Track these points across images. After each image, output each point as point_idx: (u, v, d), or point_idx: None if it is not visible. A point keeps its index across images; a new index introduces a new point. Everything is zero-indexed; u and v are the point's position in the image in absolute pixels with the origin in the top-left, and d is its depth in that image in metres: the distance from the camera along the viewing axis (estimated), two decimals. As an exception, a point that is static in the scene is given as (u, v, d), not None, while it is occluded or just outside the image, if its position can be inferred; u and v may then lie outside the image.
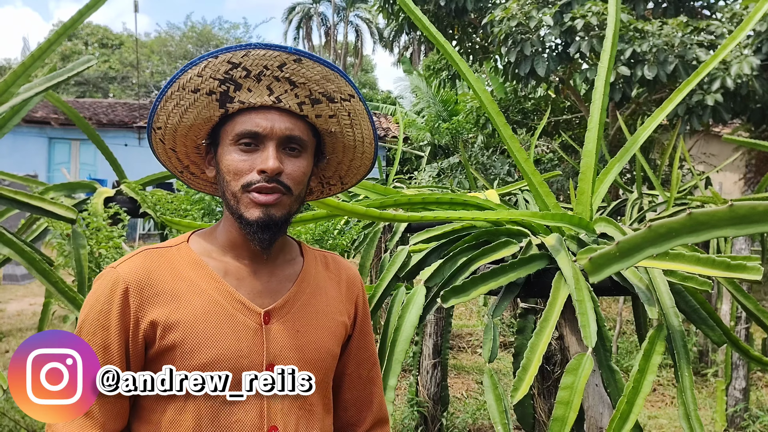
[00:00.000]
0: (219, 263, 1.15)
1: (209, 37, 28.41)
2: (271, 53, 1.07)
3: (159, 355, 1.08)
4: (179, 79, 1.09)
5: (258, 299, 1.14)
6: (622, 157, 2.29)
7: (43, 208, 2.52)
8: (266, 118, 1.09)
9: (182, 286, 1.10)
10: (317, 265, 1.26)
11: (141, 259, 1.12)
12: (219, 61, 1.07)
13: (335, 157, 1.24)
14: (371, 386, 1.32)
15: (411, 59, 23.62)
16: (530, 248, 2.06)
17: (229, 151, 1.10)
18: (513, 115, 9.48)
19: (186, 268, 1.13)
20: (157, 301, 1.08)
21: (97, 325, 1.07)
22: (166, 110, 1.13)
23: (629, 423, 1.62)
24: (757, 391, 5.29)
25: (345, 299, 1.27)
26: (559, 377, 2.20)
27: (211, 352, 1.07)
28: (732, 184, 11.85)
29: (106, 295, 1.08)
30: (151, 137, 1.18)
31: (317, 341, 1.17)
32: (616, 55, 5.75)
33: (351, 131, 1.19)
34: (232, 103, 1.10)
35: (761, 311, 2.09)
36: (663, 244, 1.33)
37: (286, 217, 1.10)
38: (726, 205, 1.18)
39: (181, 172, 1.26)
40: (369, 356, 1.32)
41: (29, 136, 16.60)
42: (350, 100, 1.15)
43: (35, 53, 2.46)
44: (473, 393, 5.25)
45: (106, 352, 1.06)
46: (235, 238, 1.15)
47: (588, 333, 1.69)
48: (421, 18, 2.14)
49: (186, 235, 1.20)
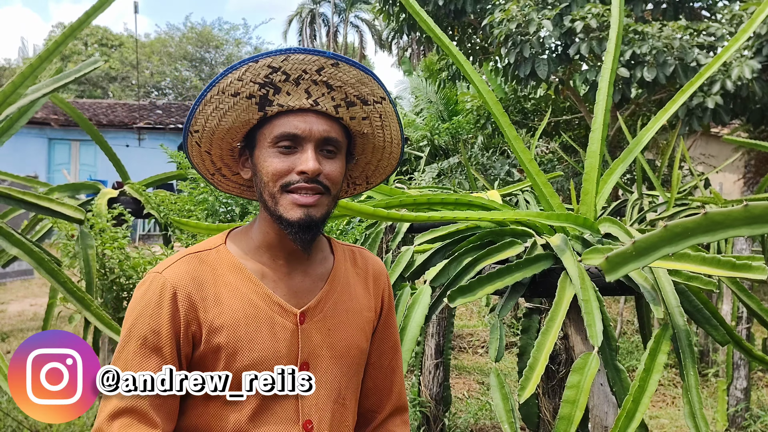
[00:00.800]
0: (256, 265, 1.18)
1: (209, 38, 28.38)
2: (310, 57, 1.10)
3: (204, 356, 1.12)
4: (219, 83, 1.12)
5: (293, 300, 1.18)
6: (625, 158, 2.31)
7: (51, 209, 2.52)
8: (304, 120, 1.12)
9: (224, 290, 1.14)
10: (346, 262, 1.29)
11: (185, 264, 1.15)
12: (259, 66, 1.09)
13: (364, 158, 1.28)
14: (392, 375, 1.36)
15: (410, 60, 23.62)
16: (535, 248, 2.07)
17: (268, 153, 1.12)
18: (513, 115, 9.50)
19: (226, 271, 1.16)
20: (202, 306, 1.12)
21: (149, 329, 1.09)
22: (204, 113, 1.15)
23: (635, 422, 1.63)
24: (758, 390, 5.30)
25: (372, 294, 1.31)
26: (563, 377, 2.22)
27: (253, 354, 1.12)
28: (732, 185, 11.86)
29: (155, 300, 1.11)
30: (187, 140, 1.21)
31: (347, 338, 1.22)
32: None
33: (381, 132, 1.23)
34: (271, 106, 1.12)
35: (764, 310, 2.10)
36: (679, 243, 1.34)
37: (324, 217, 1.14)
38: (741, 205, 1.20)
39: (212, 175, 1.28)
40: (391, 346, 1.36)
41: (29, 137, 16.59)
42: (382, 103, 1.19)
43: (42, 54, 2.47)
44: (475, 393, 5.27)
45: (159, 354, 1.09)
46: (272, 239, 1.18)
47: (594, 332, 1.70)
48: (425, 19, 2.16)
49: (222, 235, 1.23)
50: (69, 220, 2.61)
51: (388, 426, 1.34)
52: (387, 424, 1.34)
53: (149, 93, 28.37)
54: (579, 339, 2.00)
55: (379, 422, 1.33)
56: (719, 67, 5.48)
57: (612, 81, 2.27)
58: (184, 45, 28.11)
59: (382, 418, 1.34)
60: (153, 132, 17.88)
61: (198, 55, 28.46)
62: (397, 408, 1.36)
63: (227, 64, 29.23)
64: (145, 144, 17.48)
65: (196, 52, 28.30)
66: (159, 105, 20.02)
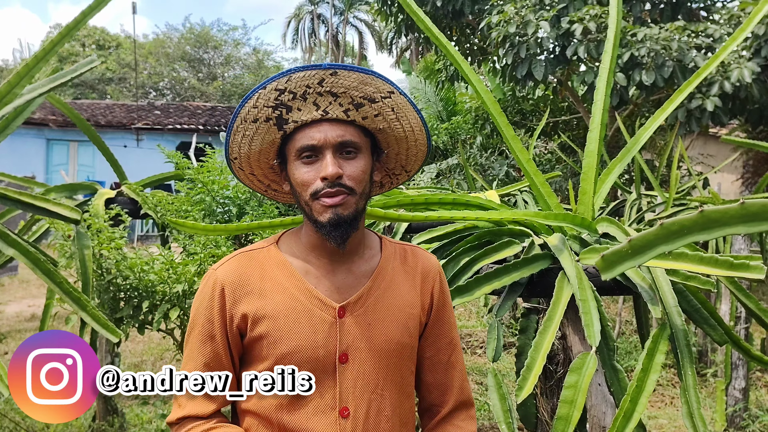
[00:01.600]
0: (302, 263, 1.30)
1: (207, 39, 28.37)
2: (309, 73, 1.20)
3: (251, 343, 1.27)
4: (240, 114, 1.25)
5: (335, 295, 1.28)
6: (623, 157, 2.30)
7: (47, 209, 2.51)
8: (319, 130, 1.22)
9: (268, 285, 1.28)
10: (395, 260, 1.37)
11: (236, 262, 1.31)
12: (268, 91, 1.21)
13: (392, 150, 1.36)
14: (451, 370, 1.42)
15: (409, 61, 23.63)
16: (533, 248, 2.07)
17: (295, 166, 1.24)
18: (511, 116, 9.50)
19: (272, 268, 1.30)
20: (247, 299, 1.26)
21: (205, 319, 1.27)
22: (236, 142, 1.29)
23: (633, 421, 1.63)
24: (756, 390, 5.30)
25: (419, 291, 1.37)
26: (561, 377, 2.21)
27: (292, 343, 1.24)
28: (730, 185, 11.87)
29: (208, 295, 1.28)
30: (233, 167, 1.34)
31: (387, 333, 1.30)
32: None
33: (399, 124, 1.30)
34: (287, 124, 1.24)
35: (762, 310, 2.10)
36: (675, 241, 1.34)
37: (354, 215, 1.23)
38: (738, 202, 1.19)
39: (265, 191, 1.42)
40: (448, 342, 1.42)
41: (27, 138, 16.59)
42: (390, 97, 1.26)
43: (39, 54, 2.46)
44: (473, 393, 5.26)
45: (213, 341, 1.27)
46: (315, 240, 1.29)
47: (592, 332, 1.70)
48: (423, 19, 2.15)
49: (277, 235, 1.37)
50: (65, 220, 2.60)
51: (453, 420, 1.40)
52: (452, 419, 1.40)
53: (147, 94, 28.34)
54: (577, 339, 1.99)
55: (443, 416, 1.40)
56: (717, 68, 5.49)
57: (610, 82, 2.27)
58: (183, 45, 28.10)
59: (446, 411, 1.40)
60: (151, 132, 17.88)
61: (196, 55, 28.44)
62: (462, 402, 1.42)
63: (225, 64, 29.23)
64: (143, 144, 17.48)
65: (194, 52, 28.28)
66: (157, 106, 20.01)
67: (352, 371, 1.26)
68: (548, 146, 10.54)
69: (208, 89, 27.31)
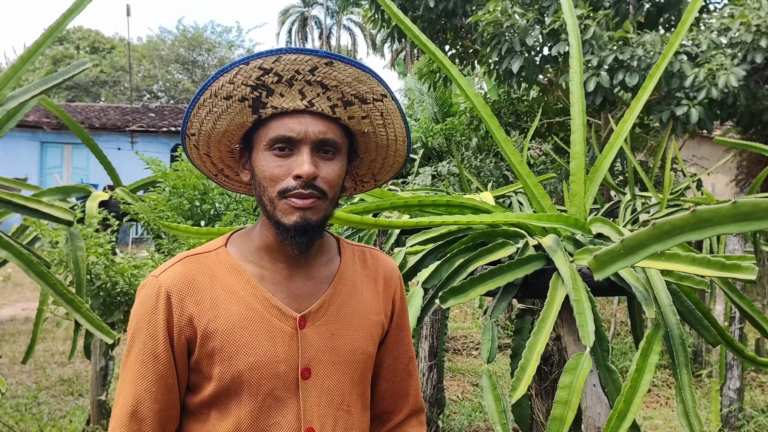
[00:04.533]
0: (256, 268, 1.16)
1: (201, 41, 28.32)
2: (302, 57, 1.07)
3: (199, 361, 1.11)
4: (210, 87, 1.10)
5: (294, 303, 1.15)
6: (607, 153, 2.31)
7: (40, 211, 2.50)
8: (299, 122, 1.09)
9: (220, 293, 1.12)
10: (354, 264, 1.27)
11: (181, 267, 1.14)
12: (250, 68, 1.07)
13: (368, 156, 1.25)
14: (408, 379, 1.34)
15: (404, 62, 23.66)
16: (527, 249, 2.07)
17: (264, 156, 1.10)
18: (506, 117, 9.51)
19: (224, 274, 1.15)
20: (197, 309, 1.11)
21: (146, 335, 1.09)
22: (199, 117, 1.14)
23: (626, 422, 1.63)
24: (751, 391, 5.32)
25: (382, 297, 1.28)
26: (556, 378, 2.22)
27: (250, 358, 1.09)
28: (723, 186, 11.92)
29: (150, 305, 1.10)
30: (185, 143, 1.19)
31: (352, 342, 1.19)
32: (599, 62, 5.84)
33: (384, 131, 1.19)
34: (264, 108, 1.10)
35: (755, 311, 2.10)
36: (667, 241, 1.34)
37: (322, 221, 1.11)
38: (729, 202, 1.20)
39: (215, 175, 1.27)
40: (406, 350, 1.34)
41: (21, 140, 16.52)
42: (383, 100, 1.15)
43: (24, 56, 2.45)
44: (469, 395, 5.26)
45: (156, 360, 1.09)
46: (271, 242, 1.16)
47: (586, 333, 1.70)
48: (410, 26, 2.16)
49: (224, 238, 1.22)
50: (58, 221, 2.59)
51: (405, 428, 1.32)
52: (404, 426, 1.33)
53: (141, 96, 28.27)
54: (572, 340, 1.99)
55: (395, 424, 1.32)
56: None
57: (581, 83, 2.29)
58: (176, 48, 28.05)
59: (398, 420, 1.32)
60: (146, 135, 17.83)
61: (190, 57, 28.39)
62: (415, 410, 1.35)
63: (220, 66, 29.18)
64: (137, 147, 17.42)
65: (188, 54, 28.24)
66: (152, 108, 19.97)
67: (316, 387, 1.14)
68: (542, 148, 10.56)
69: (202, 91, 27.13)
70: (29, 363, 5.86)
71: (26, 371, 5.74)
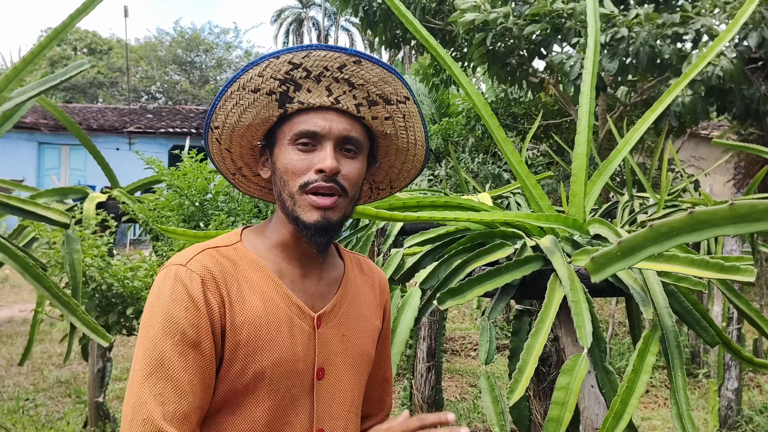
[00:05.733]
0: (273, 264, 1.15)
1: (198, 42, 28.31)
2: (331, 54, 1.08)
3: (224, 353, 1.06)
4: (240, 79, 1.10)
5: (310, 302, 1.15)
6: (614, 158, 2.31)
7: (36, 213, 2.49)
8: (325, 118, 1.10)
9: (245, 287, 1.10)
10: (355, 269, 1.28)
11: (207, 257, 1.10)
12: (280, 62, 1.08)
13: (387, 161, 1.25)
14: (385, 385, 1.37)
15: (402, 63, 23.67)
16: (525, 250, 2.07)
17: (287, 150, 1.10)
18: (503, 118, 9.52)
19: (246, 268, 1.12)
20: (228, 300, 1.07)
21: (186, 323, 1.02)
22: (225, 109, 1.13)
23: (623, 422, 1.62)
24: (749, 391, 5.32)
25: (377, 303, 1.30)
26: (554, 379, 2.21)
27: (273, 354, 1.08)
28: (721, 187, 11.94)
29: (184, 292, 1.04)
30: (208, 136, 1.18)
31: (359, 345, 1.21)
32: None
33: (405, 133, 1.20)
34: (291, 103, 1.11)
35: (753, 311, 2.11)
36: (664, 242, 1.34)
37: (341, 221, 1.11)
38: (727, 203, 1.20)
39: (233, 174, 1.26)
40: (386, 357, 1.37)
41: (19, 141, 16.50)
42: (406, 103, 1.16)
43: (27, 57, 2.44)
44: (467, 396, 5.26)
45: (198, 351, 1.02)
46: (287, 240, 1.15)
47: (583, 333, 1.70)
48: (412, 20, 2.15)
49: (236, 233, 1.19)
50: (54, 224, 2.58)
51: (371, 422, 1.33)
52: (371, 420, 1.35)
53: (139, 97, 28.25)
54: (570, 341, 1.99)
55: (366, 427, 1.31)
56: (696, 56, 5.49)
57: (593, 83, 2.27)
58: (174, 49, 28.05)
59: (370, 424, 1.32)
60: (144, 136, 17.81)
61: (188, 58, 28.38)
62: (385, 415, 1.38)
63: (217, 67, 29.18)
64: (135, 148, 17.39)
65: (185, 55, 28.23)
66: (150, 109, 19.95)
67: (329, 388, 1.14)
68: (540, 149, 10.57)
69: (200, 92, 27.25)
70: (27, 365, 5.85)
71: (24, 373, 5.73)
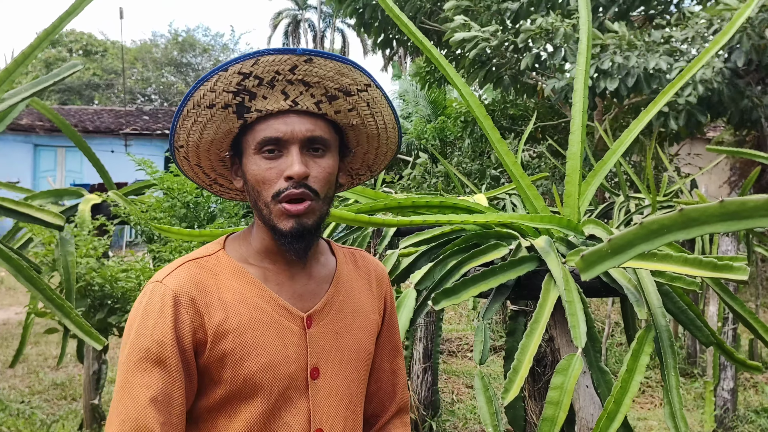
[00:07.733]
0: (258, 269, 1.15)
1: (193, 44, 28.25)
2: (280, 58, 1.06)
3: (208, 365, 1.08)
4: (192, 97, 1.09)
5: (299, 303, 1.15)
6: (608, 160, 2.31)
7: (31, 215, 2.48)
8: (285, 122, 1.08)
9: (228, 295, 1.10)
10: (348, 264, 1.27)
11: (185, 270, 1.11)
12: (229, 74, 1.06)
13: (361, 149, 1.24)
14: (394, 378, 1.34)
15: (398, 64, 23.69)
16: (520, 250, 2.07)
17: (254, 160, 1.09)
18: (500, 120, 9.53)
19: (228, 276, 1.12)
20: (207, 311, 1.08)
21: (151, 340, 1.04)
22: (185, 128, 1.12)
23: (616, 422, 1.63)
24: (745, 391, 5.33)
25: (375, 296, 1.29)
26: (550, 379, 2.21)
27: (261, 359, 1.08)
28: (717, 188, 11.96)
29: (157, 309, 1.06)
30: (175, 155, 1.18)
31: (355, 341, 1.20)
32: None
33: (373, 120, 1.18)
34: (249, 113, 1.09)
35: (747, 312, 2.11)
36: (655, 240, 1.34)
37: (317, 223, 1.11)
38: (717, 201, 1.20)
39: (209, 185, 1.26)
40: (393, 347, 1.34)
41: (14, 143, 16.44)
42: (367, 90, 1.14)
43: (18, 58, 2.44)
44: (464, 397, 5.26)
45: (163, 367, 1.03)
46: (269, 244, 1.15)
47: (578, 333, 1.70)
48: (406, 23, 2.15)
49: (219, 242, 1.19)
50: (49, 226, 2.57)
51: (389, 428, 1.32)
52: (388, 426, 1.32)
53: (135, 99, 28.19)
54: (564, 341, 1.99)
55: (380, 426, 1.32)
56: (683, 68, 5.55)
57: (587, 83, 2.28)
58: (170, 51, 27.99)
59: (384, 421, 1.32)
60: (140, 138, 17.78)
61: (184, 60, 28.32)
62: (399, 410, 1.35)
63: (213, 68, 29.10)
64: (131, 150, 17.35)
65: (180, 57, 28.17)
66: (146, 111, 19.92)
67: (325, 387, 1.14)
68: (536, 149, 10.58)
69: (196, 94, 27.06)
70: (22, 367, 5.83)
71: (19, 375, 5.71)
